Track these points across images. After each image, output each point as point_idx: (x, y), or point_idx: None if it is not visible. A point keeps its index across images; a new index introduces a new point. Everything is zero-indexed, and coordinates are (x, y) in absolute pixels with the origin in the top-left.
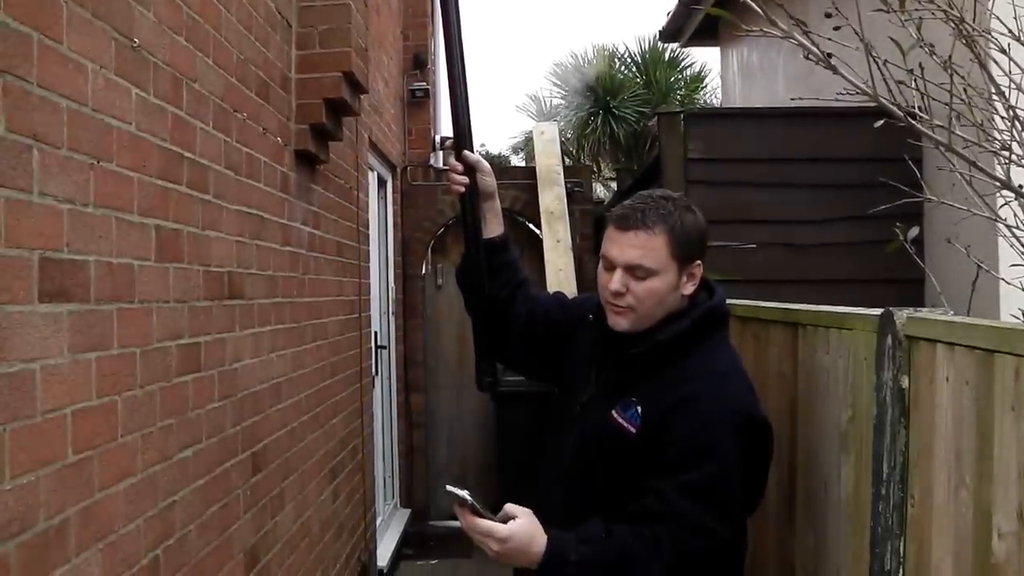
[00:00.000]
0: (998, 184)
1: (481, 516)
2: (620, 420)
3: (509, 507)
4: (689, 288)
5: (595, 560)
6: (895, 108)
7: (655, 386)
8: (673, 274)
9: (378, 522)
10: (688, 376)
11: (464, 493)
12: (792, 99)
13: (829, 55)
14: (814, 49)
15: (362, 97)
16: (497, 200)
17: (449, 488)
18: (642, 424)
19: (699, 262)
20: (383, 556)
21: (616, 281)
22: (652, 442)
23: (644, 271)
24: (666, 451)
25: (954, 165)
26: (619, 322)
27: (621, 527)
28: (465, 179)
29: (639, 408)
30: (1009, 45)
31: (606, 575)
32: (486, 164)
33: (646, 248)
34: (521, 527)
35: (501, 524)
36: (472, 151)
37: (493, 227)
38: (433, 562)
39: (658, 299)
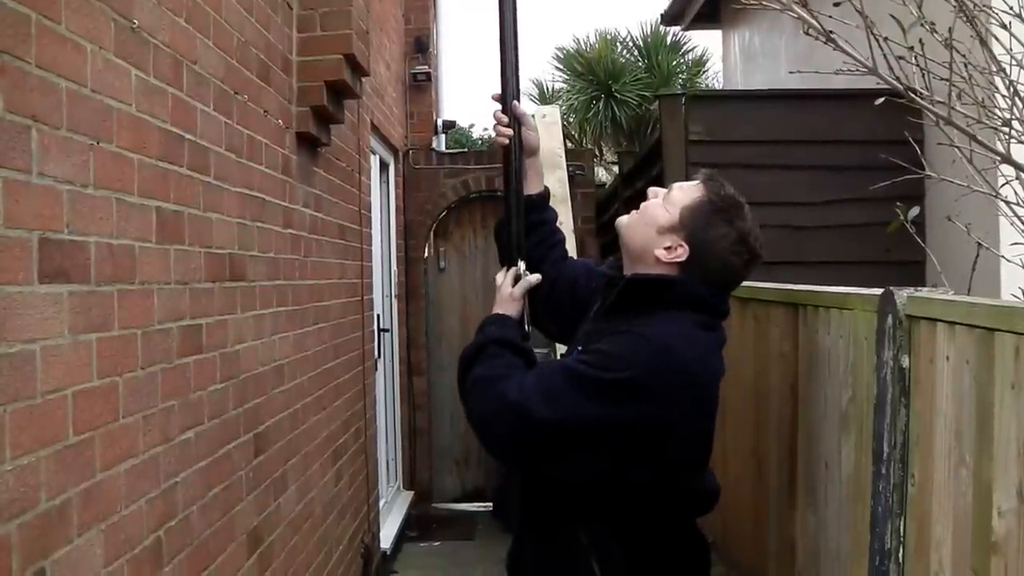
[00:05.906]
0: (998, 158)
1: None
2: None
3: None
4: (663, 254)
5: (481, 343)
6: (895, 83)
7: (608, 332)
8: (666, 220)
9: (381, 504)
10: (642, 324)
11: (522, 266)
12: (790, 72)
13: (830, 32)
14: (814, 23)
15: (364, 80)
16: (539, 157)
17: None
18: None
19: (687, 248)
20: (386, 538)
21: (658, 191)
22: None
23: (666, 193)
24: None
25: (953, 140)
26: (622, 217)
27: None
28: (510, 131)
29: (579, 348)
30: (1010, 22)
31: (473, 364)
32: (531, 119)
33: (684, 187)
34: (505, 287)
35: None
36: (519, 103)
37: (533, 184)
38: (436, 544)
39: (646, 219)
